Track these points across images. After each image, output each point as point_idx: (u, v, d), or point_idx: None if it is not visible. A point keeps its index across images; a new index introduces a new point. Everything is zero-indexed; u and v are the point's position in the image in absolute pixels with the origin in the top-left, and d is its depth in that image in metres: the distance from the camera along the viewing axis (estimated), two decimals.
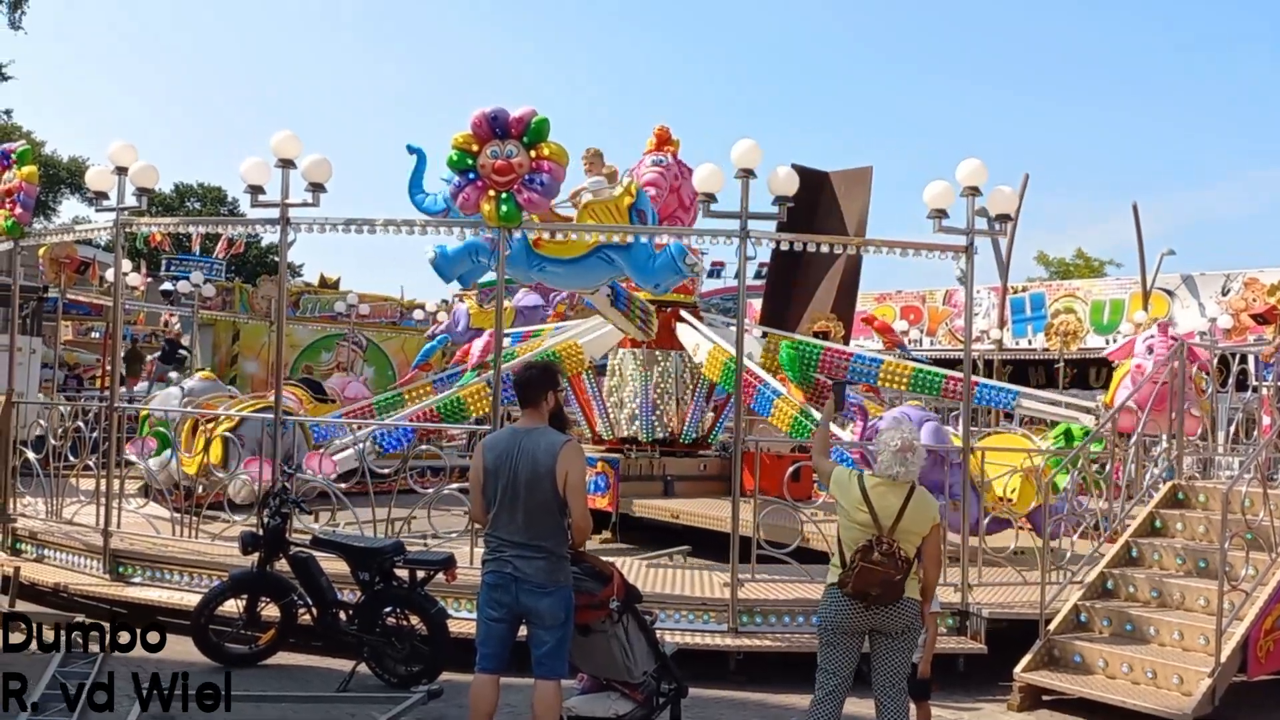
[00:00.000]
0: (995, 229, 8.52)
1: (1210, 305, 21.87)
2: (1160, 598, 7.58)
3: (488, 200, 7.98)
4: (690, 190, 12.33)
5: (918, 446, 5.23)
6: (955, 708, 7.01)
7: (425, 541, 8.88)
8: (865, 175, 20.00)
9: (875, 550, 4.95)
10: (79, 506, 9.67)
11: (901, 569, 4.94)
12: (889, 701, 5.09)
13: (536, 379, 5.27)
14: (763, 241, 8.41)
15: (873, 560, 4.93)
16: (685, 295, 13.12)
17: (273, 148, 8.24)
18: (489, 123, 7.96)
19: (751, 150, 7.98)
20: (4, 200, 9.66)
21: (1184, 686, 6.69)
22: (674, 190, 12.22)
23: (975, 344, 18.68)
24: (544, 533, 5.00)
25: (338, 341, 21.82)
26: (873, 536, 5.01)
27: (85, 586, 8.51)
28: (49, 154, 41.33)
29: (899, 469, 5.13)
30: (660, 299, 12.63)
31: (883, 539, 4.98)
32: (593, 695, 5.52)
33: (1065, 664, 7.34)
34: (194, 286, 19.14)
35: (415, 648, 6.80)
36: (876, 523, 5.03)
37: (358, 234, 8.39)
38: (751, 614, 7.79)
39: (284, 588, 7.25)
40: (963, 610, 7.91)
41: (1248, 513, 7.35)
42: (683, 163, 12.32)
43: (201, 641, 7.09)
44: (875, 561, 4.93)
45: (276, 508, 7.29)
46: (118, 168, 8.78)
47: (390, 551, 6.98)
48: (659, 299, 12.53)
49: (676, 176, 12.19)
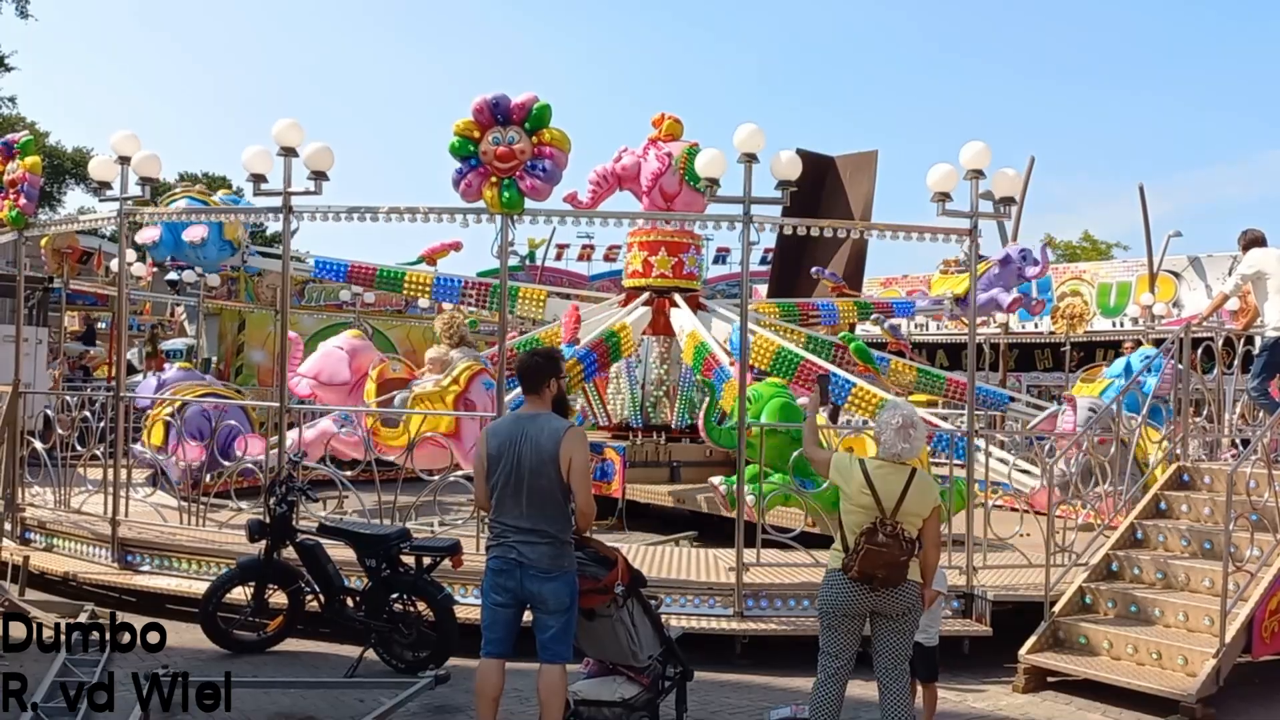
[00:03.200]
0: (1000, 212, 8.49)
1: (1217, 287, 21.75)
2: (1165, 579, 7.58)
3: (490, 187, 7.96)
4: (675, 181, 12.40)
5: (918, 422, 5.23)
6: (960, 689, 7.03)
7: (432, 528, 8.92)
8: (870, 159, 19.97)
9: (880, 532, 4.95)
10: (87, 496, 9.72)
11: (906, 550, 4.95)
12: (891, 683, 5.10)
13: (540, 366, 5.27)
14: (766, 226, 8.39)
15: (878, 542, 4.93)
16: (688, 281, 13.12)
17: (274, 136, 8.24)
18: (490, 109, 7.94)
19: (754, 135, 7.95)
20: (8, 191, 9.67)
21: (1189, 667, 6.70)
22: (647, 187, 12.43)
23: (982, 328, 18.68)
24: (548, 518, 5.02)
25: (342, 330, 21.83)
26: (876, 519, 5.01)
27: (94, 575, 8.57)
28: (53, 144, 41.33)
29: (902, 445, 5.13)
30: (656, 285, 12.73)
31: (887, 521, 4.99)
32: (598, 679, 5.53)
33: (1070, 646, 7.36)
34: (198, 276, 19.16)
35: (422, 633, 6.84)
36: (880, 505, 5.03)
37: (360, 222, 8.38)
38: (757, 598, 7.81)
39: (291, 575, 7.29)
40: (968, 593, 7.92)
41: (1253, 494, 7.35)
42: (669, 154, 12.39)
43: (210, 629, 7.15)
44: (880, 543, 4.93)
45: (283, 495, 7.31)
46: (120, 157, 8.78)
47: (396, 538, 7.01)
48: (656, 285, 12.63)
49: (618, 179, 12.51)
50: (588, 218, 8.87)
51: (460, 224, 8.24)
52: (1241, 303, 10.47)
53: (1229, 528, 6.89)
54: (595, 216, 8.84)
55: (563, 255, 37.91)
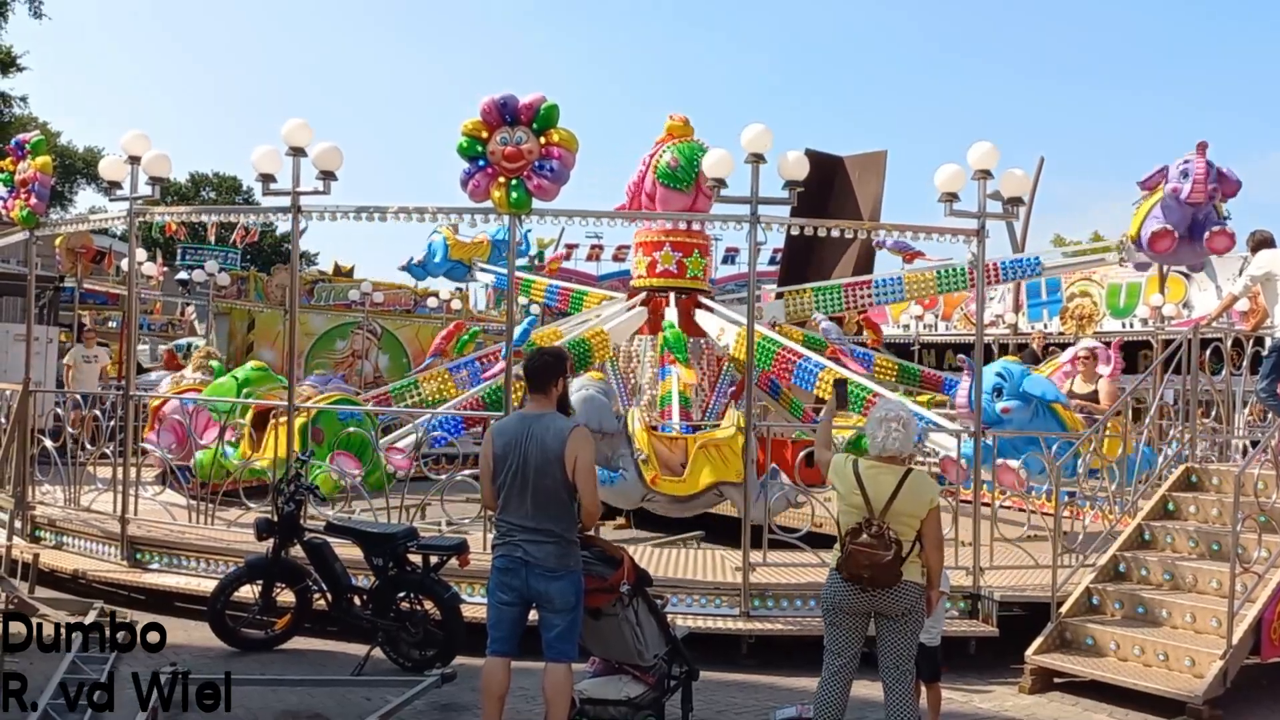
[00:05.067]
0: (1008, 212, 8.49)
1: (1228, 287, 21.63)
2: (1173, 580, 7.57)
3: (498, 187, 7.98)
4: (651, 181, 12.42)
5: (905, 417, 5.22)
6: (967, 690, 7.03)
7: (439, 528, 8.94)
8: (879, 160, 19.98)
9: (864, 532, 4.96)
10: (97, 494, 9.76)
11: (890, 549, 4.93)
12: (894, 683, 5.10)
13: (549, 365, 5.30)
14: (773, 226, 8.39)
15: (861, 542, 4.94)
16: (700, 283, 13.14)
17: (283, 136, 8.27)
18: (498, 109, 7.96)
19: (762, 135, 7.95)
20: (19, 190, 9.72)
21: (1196, 669, 6.69)
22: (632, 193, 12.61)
23: (990, 328, 18.64)
24: (553, 517, 5.04)
25: (352, 329, 21.93)
26: (863, 519, 5.02)
27: (103, 573, 8.60)
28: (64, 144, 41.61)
29: (883, 437, 5.12)
30: (679, 285, 12.70)
31: (872, 521, 4.99)
32: (604, 678, 5.55)
33: (1077, 646, 7.34)
34: (209, 275, 19.27)
35: (429, 632, 6.86)
36: (868, 505, 5.04)
37: (369, 221, 8.42)
38: (763, 598, 7.82)
39: (299, 573, 7.32)
40: (974, 593, 7.91)
41: (1261, 495, 7.33)
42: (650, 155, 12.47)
43: (218, 627, 7.18)
44: (864, 543, 4.94)
45: (291, 494, 7.34)
46: (131, 157, 8.82)
47: (403, 537, 7.03)
48: (677, 285, 12.61)
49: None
50: (595, 218, 8.87)
51: (469, 224, 8.27)
52: (1251, 304, 10.43)
53: (1236, 529, 6.87)
54: (602, 217, 8.86)
55: (571, 255, 37.95)
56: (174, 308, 24.66)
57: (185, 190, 48.96)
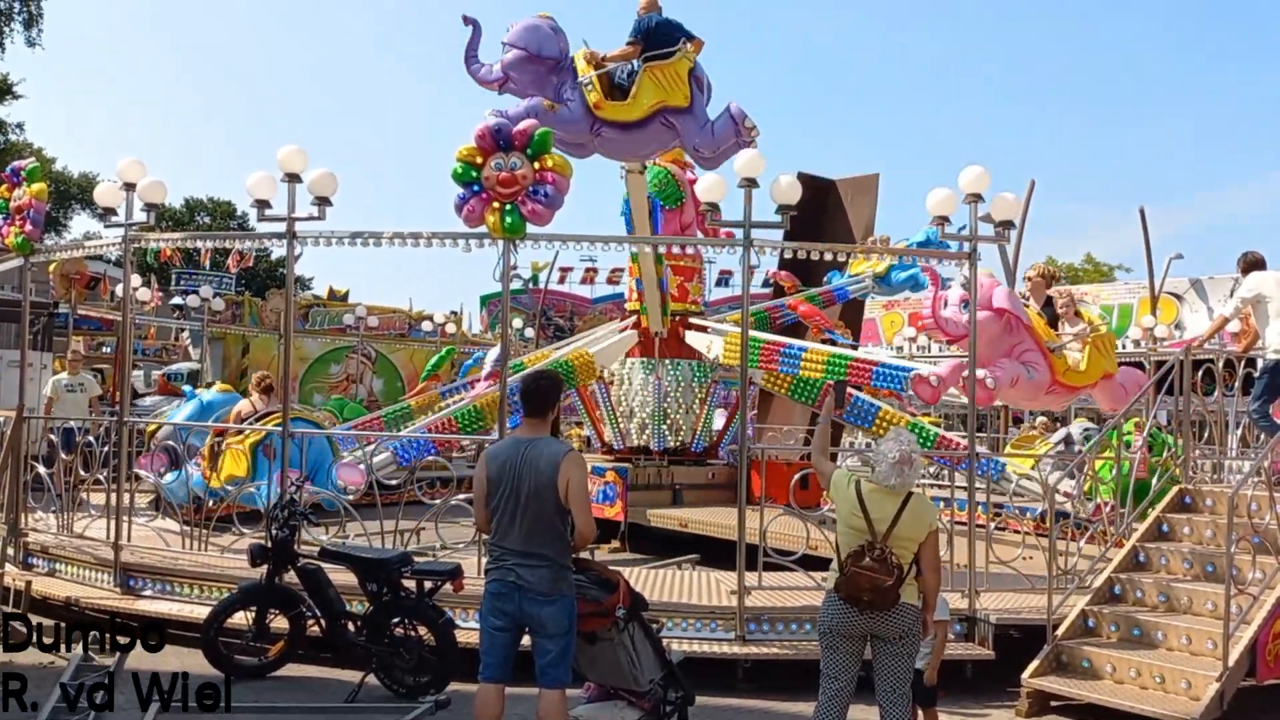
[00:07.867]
0: (999, 235, 8.54)
1: (1219, 309, 21.74)
2: (1168, 602, 7.57)
3: (492, 212, 8.01)
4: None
5: (915, 459, 5.23)
6: (963, 714, 7.01)
7: (433, 552, 8.91)
8: (871, 183, 19.99)
9: (866, 555, 4.97)
10: (90, 520, 9.73)
11: (893, 574, 4.94)
12: (891, 708, 5.09)
13: (546, 389, 5.31)
14: (766, 250, 8.43)
15: (863, 565, 4.95)
16: (692, 305, 13.18)
17: (279, 162, 8.30)
18: (493, 136, 8.00)
19: (754, 160, 8.03)
20: (14, 217, 9.72)
21: (1192, 691, 6.67)
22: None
23: None
24: (547, 542, 5.04)
25: (347, 354, 21.94)
26: (866, 542, 5.02)
27: (96, 600, 8.55)
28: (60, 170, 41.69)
29: (896, 480, 5.13)
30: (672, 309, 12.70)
31: (875, 544, 4.99)
32: (599, 704, 5.53)
33: (1073, 669, 7.33)
34: (203, 300, 19.25)
35: (423, 658, 6.83)
36: (871, 528, 5.04)
37: (364, 246, 8.43)
38: (759, 621, 7.79)
39: (293, 599, 7.29)
40: (970, 616, 7.90)
41: (1255, 516, 7.33)
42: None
43: (211, 654, 7.13)
44: (866, 567, 4.94)
45: (285, 520, 7.32)
46: (126, 183, 8.84)
47: (398, 562, 7.02)
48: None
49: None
50: (589, 242, 8.91)
51: (463, 249, 8.28)
52: (1242, 325, 10.49)
53: (1231, 550, 6.87)
54: (596, 241, 8.90)
55: (565, 279, 38.04)
56: (169, 333, 24.65)
57: (180, 215, 49.09)
